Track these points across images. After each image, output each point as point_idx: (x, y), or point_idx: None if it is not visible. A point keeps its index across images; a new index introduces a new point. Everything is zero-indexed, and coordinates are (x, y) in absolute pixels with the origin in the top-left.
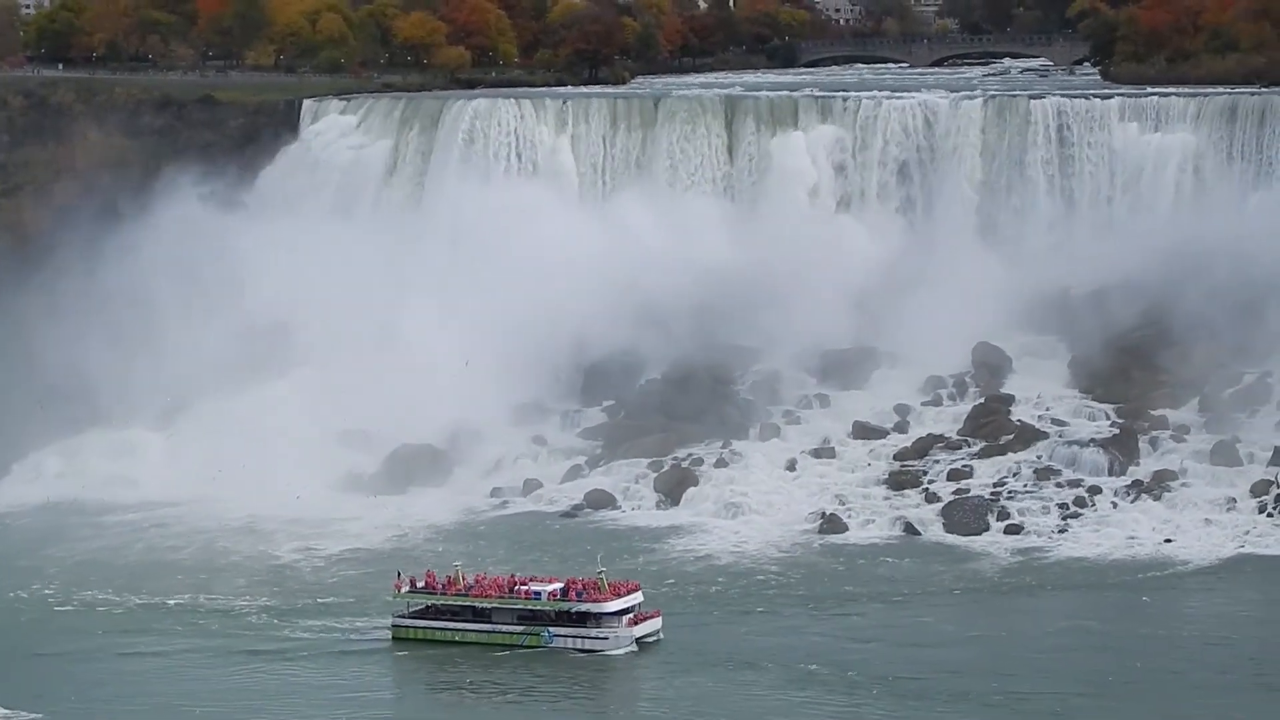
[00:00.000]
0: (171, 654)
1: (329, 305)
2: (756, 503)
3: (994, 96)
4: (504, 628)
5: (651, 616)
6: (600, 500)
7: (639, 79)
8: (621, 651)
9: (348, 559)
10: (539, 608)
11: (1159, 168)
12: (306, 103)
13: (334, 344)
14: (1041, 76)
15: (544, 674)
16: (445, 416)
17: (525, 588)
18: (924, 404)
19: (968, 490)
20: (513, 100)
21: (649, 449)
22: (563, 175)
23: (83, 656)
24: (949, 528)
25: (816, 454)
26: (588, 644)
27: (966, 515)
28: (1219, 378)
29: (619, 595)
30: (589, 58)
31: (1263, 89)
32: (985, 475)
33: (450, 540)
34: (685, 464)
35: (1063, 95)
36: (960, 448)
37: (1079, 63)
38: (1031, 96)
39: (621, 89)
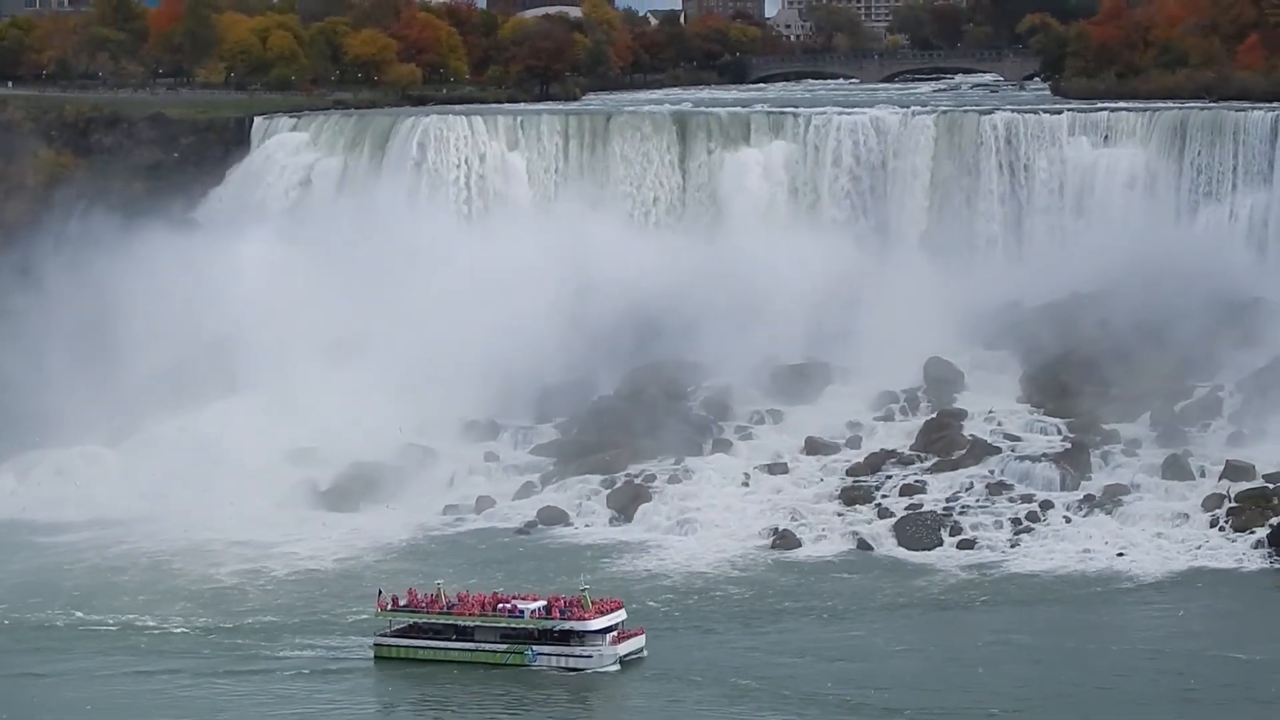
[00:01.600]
0: (117, 675)
1: (280, 323)
2: (709, 519)
3: (945, 112)
4: (487, 646)
5: (635, 634)
6: (553, 517)
7: (590, 95)
8: (605, 669)
9: (300, 578)
10: (522, 626)
11: (1109, 182)
12: (257, 120)
13: (285, 361)
14: (992, 92)
15: (528, 692)
16: (397, 434)
17: (508, 606)
18: (876, 419)
19: (920, 505)
20: (464, 117)
21: (601, 465)
22: (514, 192)
23: (14, 678)
24: (902, 543)
25: (769, 470)
26: (571, 662)
27: (919, 530)
28: (1170, 392)
29: (603, 613)
30: (540, 74)
31: (1212, 103)
32: (938, 490)
33: (404, 559)
34: (638, 480)
35: (1013, 110)
36: (913, 463)
37: (1029, 78)
38: (982, 112)
39: (573, 105)
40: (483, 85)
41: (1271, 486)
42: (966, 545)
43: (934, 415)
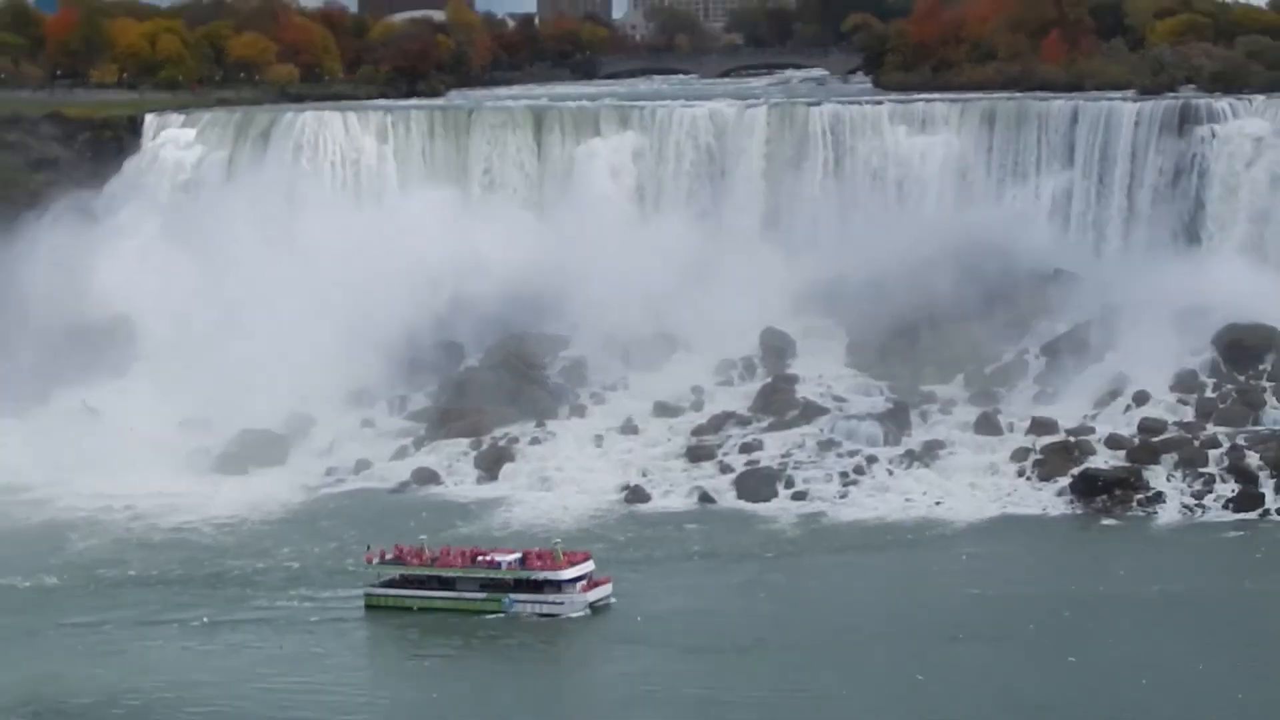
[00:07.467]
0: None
1: (173, 303)
2: (567, 476)
3: (776, 104)
4: (468, 595)
5: (602, 583)
6: (426, 477)
7: (454, 92)
8: (576, 615)
9: (204, 536)
10: (500, 576)
11: (925, 167)
12: (149, 117)
13: (177, 339)
14: (819, 85)
15: (504, 635)
16: (283, 404)
17: (487, 559)
18: (717, 384)
19: (758, 461)
20: (339, 112)
21: (469, 429)
22: (386, 181)
23: None
24: (741, 495)
25: (621, 431)
26: (545, 609)
27: (757, 484)
28: (981, 356)
29: (573, 564)
30: (407, 73)
31: (1017, 94)
32: (773, 448)
33: (292, 517)
34: (502, 443)
35: (838, 102)
36: (750, 423)
37: (853, 72)
38: (810, 104)
39: (438, 101)
40: (355, 84)
41: (1073, 440)
42: (799, 497)
43: (769, 380)
